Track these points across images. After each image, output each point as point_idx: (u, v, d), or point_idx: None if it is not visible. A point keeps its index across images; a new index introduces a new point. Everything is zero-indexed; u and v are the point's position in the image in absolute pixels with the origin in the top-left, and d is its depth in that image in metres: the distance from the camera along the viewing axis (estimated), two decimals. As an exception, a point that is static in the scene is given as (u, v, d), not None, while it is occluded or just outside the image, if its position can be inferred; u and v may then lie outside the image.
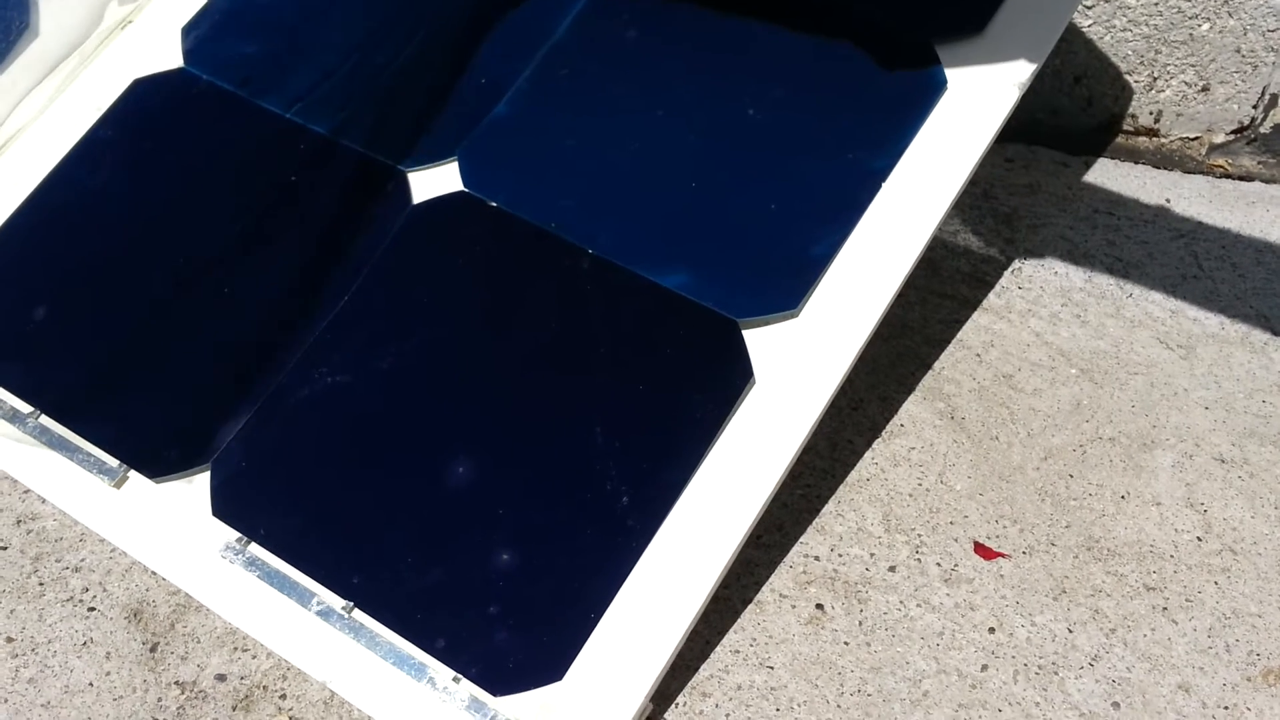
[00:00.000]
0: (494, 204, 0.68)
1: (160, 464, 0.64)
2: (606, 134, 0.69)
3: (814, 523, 0.66)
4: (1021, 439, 0.70)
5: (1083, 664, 0.58)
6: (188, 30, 0.79)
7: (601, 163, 0.68)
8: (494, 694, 0.55)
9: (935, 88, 0.67)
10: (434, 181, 0.70)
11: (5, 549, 0.64)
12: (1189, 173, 0.96)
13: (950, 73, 0.68)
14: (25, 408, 0.67)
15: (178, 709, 0.57)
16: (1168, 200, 0.92)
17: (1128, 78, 0.98)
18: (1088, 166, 0.97)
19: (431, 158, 0.70)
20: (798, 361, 0.61)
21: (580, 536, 0.58)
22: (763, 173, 0.67)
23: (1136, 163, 0.97)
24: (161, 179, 0.73)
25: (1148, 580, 0.62)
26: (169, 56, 0.79)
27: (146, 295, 0.69)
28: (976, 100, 0.67)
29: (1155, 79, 0.97)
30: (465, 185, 0.69)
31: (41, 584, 0.62)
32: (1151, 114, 0.99)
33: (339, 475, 0.62)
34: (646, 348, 0.63)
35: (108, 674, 0.58)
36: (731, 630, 0.60)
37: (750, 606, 0.62)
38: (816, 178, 0.66)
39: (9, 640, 0.60)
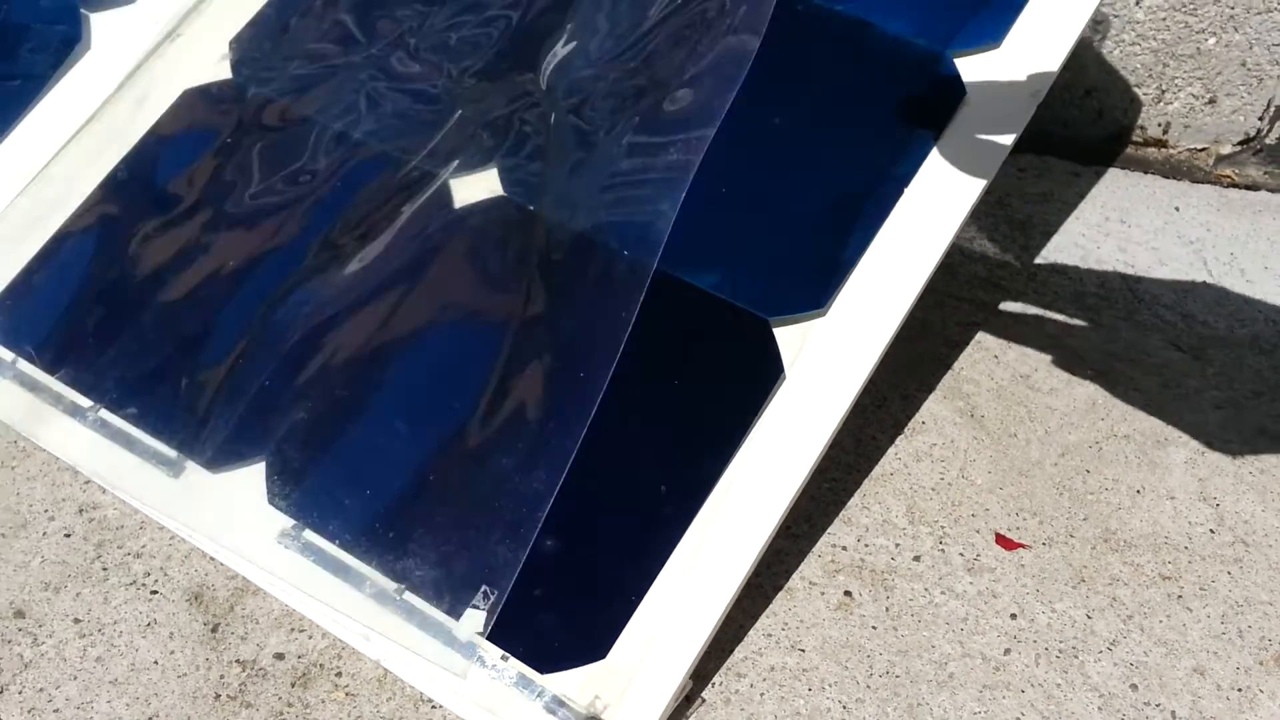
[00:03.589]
0: (531, 207, 0.71)
1: (217, 455, 0.67)
2: (642, 142, 0.72)
3: (841, 515, 0.68)
4: (1039, 436, 0.73)
5: (1101, 648, 0.61)
6: (236, 42, 0.82)
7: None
8: (541, 671, 0.58)
9: (954, 97, 0.71)
10: (474, 187, 0.73)
11: (69, 536, 0.67)
12: (1197, 182, 0.99)
13: (969, 83, 0.71)
14: (85, 402, 0.70)
15: (239, 685, 0.60)
16: (1177, 209, 0.95)
17: (1136, 91, 1.01)
18: (1099, 176, 1.00)
19: (473, 165, 0.73)
20: (826, 358, 0.64)
21: (620, 523, 0.61)
22: (790, 179, 0.70)
23: (1146, 173, 1.00)
24: (211, 186, 0.76)
25: (1163, 570, 0.65)
26: (217, 68, 0.82)
27: (199, 296, 0.72)
28: (994, 109, 0.70)
29: (1163, 92, 1.00)
30: (505, 190, 0.72)
31: (105, 569, 0.65)
32: (1160, 126, 1.02)
33: (389, 464, 0.65)
34: (682, 344, 0.66)
35: (172, 653, 0.61)
36: (764, 615, 0.63)
37: (781, 593, 0.64)
38: (841, 184, 0.69)
39: (76, 621, 0.63)
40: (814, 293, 0.66)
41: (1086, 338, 0.80)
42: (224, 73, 0.81)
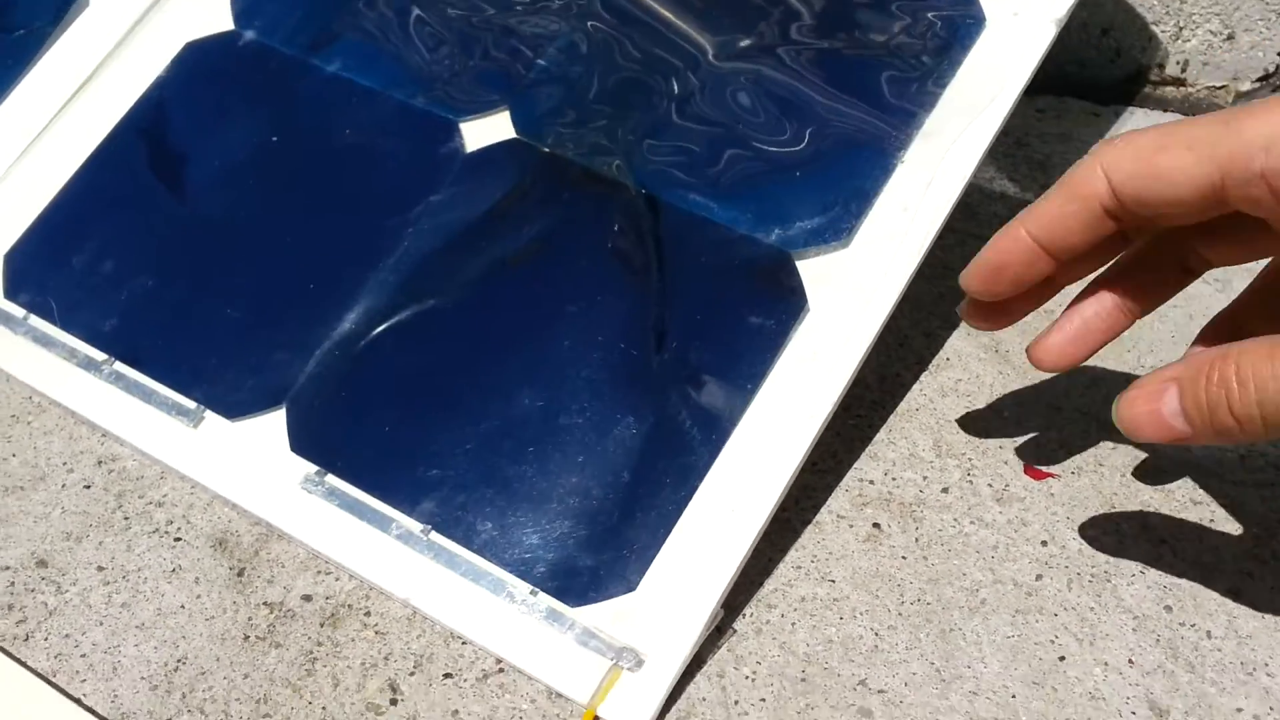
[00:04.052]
0: (545, 149, 0.70)
1: (236, 405, 0.66)
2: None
3: (867, 450, 0.68)
4: (1065, 368, 0.72)
5: (1134, 572, 0.61)
6: (241, -6, 0.81)
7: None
8: (570, 605, 0.58)
9: (975, 24, 0.69)
10: (487, 130, 0.72)
11: (89, 488, 0.66)
12: (1215, 120, 0.98)
13: (988, 8, 0.70)
14: (99, 355, 0.69)
15: (268, 626, 0.59)
16: (1196, 146, 0.94)
17: (1154, 28, 1.00)
18: (1118, 116, 0.98)
19: (484, 108, 0.73)
20: (850, 289, 0.63)
21: (648, 458, 0.61)
22: (808, 114, 0.69)
23: (1165, 111, 0.99)
24: (218, 138, 0.76)
25: (1194, 495, 0.64)
26: (220, 19, 0.81)
27: (211, 246, 0.72)
28: (1015, 36, 0.69)
29: (1181, 29, 0.99)
30: (517, 132, 0.71)
31: (127, 518, 0.64)
32: (1178, 63, 1.01)
33: (410, 408, 0.64)
34: (704, 279, 0.65)
35: (198, 597, 0.61)
36: (793, 549, 0.63)
37: (810, 527, 0.64)
38: (860, 117, 0.68)
39: (100, 569, 0.62)
40: (836, 225, 0.65)
41: (1109, 271, 0.80)
42: (227, 24, 0.80)
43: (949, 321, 0.76)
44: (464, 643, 0.59)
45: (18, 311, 0.71)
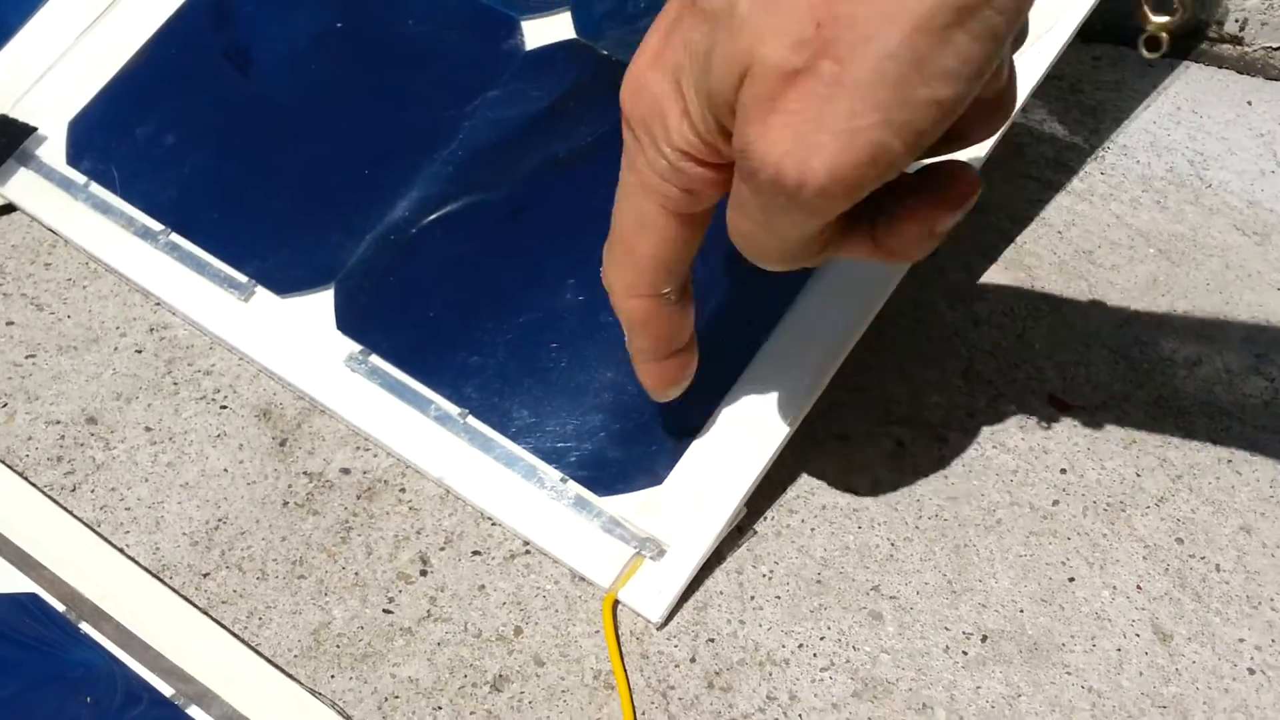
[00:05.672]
0: (604, 51, 0.71)
1: (287, 281, 0.68)
2: None
3: (898, 372, 0.69)
4: (1099, 308, 0.73)
5: (1149, 504, 0.62)
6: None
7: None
8: (598, 494, 0.60)
9: (1041, -43, 0.69)
10: (547, 29, 0.73)
11: (140, 352, 0.68)
12: (1271, 79, 0.97)
13: (1056, -57, 0.69)
14: (156, 225, 0.71)
15: (307, 494, 0.62)
16: (1249, 103, 0.93)
17: (1216, -17, 0.98)
18: (1171, 69, 0.98)
19: (545, 6, 0.73)
20: (894, 211, 0.64)
21: (683, 359, 0.62)
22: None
23: (1220, 68, 0.98)
24: (284, 21, 0.76)
25: (1214, 435, 0.65)
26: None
27: (272, 127, 0.73)
28: (1080, -28, 0.69)
29: (1244, -15, 0.97)
30: (577, 33, 0.72)
31: (175, 384, 0.67)
32: (1237, 22, 0.99)
33: (454, 296, 0.66)
34: (750, 190, 0.66)
35: (241, 462, 0.63)
36: (817, 460, 0.64)
37: (835, 441, 0.65)
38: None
39: (147, 429, 0.65)
40: (884, 147, 0.66)
41: (1151, 218, 0.80)
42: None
43: (986, 255, 0.77)
44: (493, 523, 0.61)
45: (79, 178, 0.73)
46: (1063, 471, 0.63)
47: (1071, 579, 0.59)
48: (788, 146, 0.38)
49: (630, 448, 0.61)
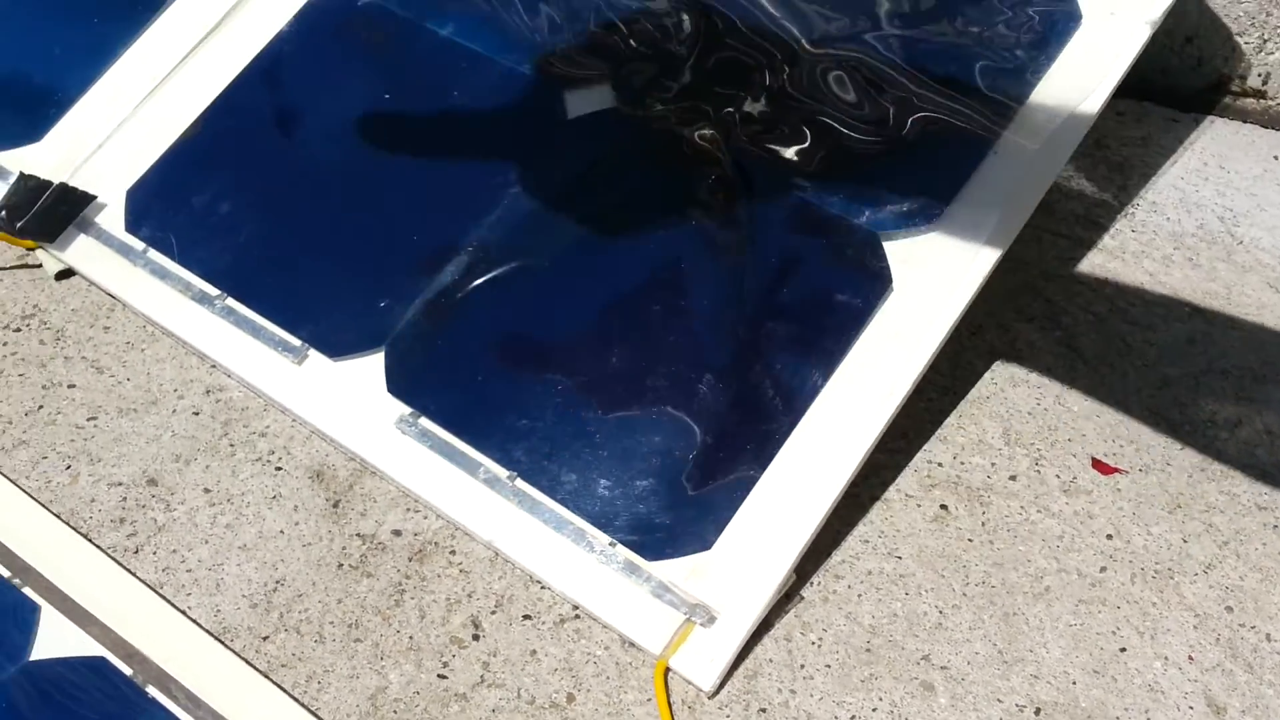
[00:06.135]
0: (643, 119, 0.72)
1: (339, 345, 0.69)
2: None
3: (937, 433, 0.70)
4: (1136, 367, 0.74)
5: (1197, 571, 0.62)
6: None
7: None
8: (647, 559, 0.61)
9: (1071, 21, 0.71)
10: (589, 98, 0.74)
11: (197, 414, 0.70)
12: (1298, 134, 0.98)
13: (1085, 6, 0.71)
14: (213, 290, 0.73)
15: (360, 556, 0.63)
16: (1276, 157, 0.94)
17: (1238, 39, 1.00)
18: (1197, 124, 0.99)
19: (588, 79, 0.75)
20: (934, 273, 0.65)
21: (729, 423, 0.63)
22: (902, 100, 0.71)
23: (1245, 122, 1.00)
24: (335, 93, 0.79)
25: (1259, 500, 0.66)
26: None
27: (323, 194, 0.75)
28: (1110, 35, 0.71)
29: (1265, 41, 0.99)
30: (618, 103, 0.74)
31: (232, 445, 0.68)
32: (1260, 76, 1.01)
33: (503, 359, 0.67)
34: (793, 254, 0.67)
35: (296, 524, 0.64)
36: (861, 523, 0.65)
37: (878, 504, 0.66)
38: (953, 106, 0.70)
39: (206, 491, 0.66)
40: (924, 211, 0.67)
41: (1185, 276, 0.81)
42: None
43: (1023, 313, 0.78)
44: (543, 587, 0.62)
45: (138, 245, 0.75)
46: (1109, 537, 0.64)
47: (1123, 649, 0.59)
48: None
49: (679, 512, 0.62)
